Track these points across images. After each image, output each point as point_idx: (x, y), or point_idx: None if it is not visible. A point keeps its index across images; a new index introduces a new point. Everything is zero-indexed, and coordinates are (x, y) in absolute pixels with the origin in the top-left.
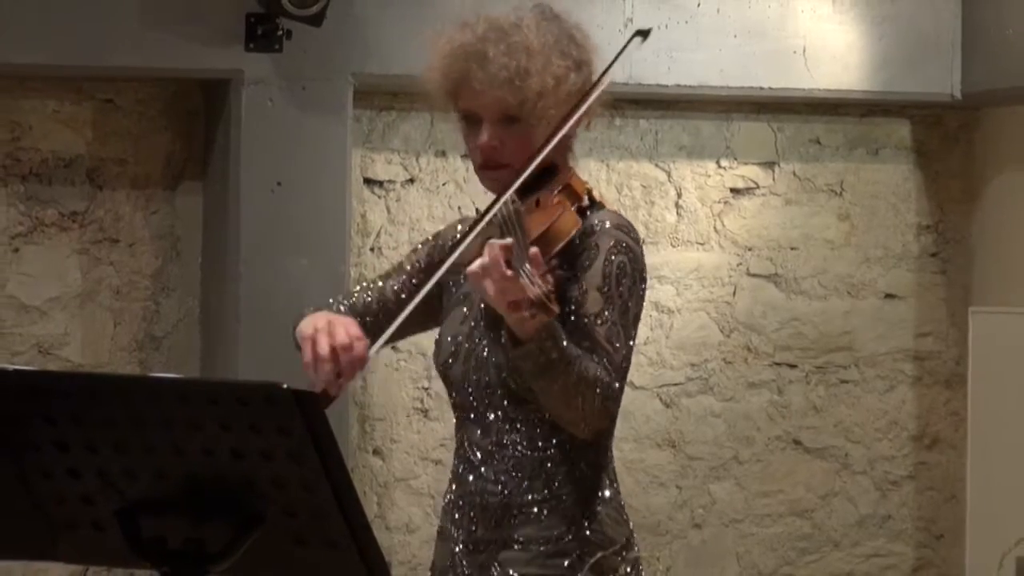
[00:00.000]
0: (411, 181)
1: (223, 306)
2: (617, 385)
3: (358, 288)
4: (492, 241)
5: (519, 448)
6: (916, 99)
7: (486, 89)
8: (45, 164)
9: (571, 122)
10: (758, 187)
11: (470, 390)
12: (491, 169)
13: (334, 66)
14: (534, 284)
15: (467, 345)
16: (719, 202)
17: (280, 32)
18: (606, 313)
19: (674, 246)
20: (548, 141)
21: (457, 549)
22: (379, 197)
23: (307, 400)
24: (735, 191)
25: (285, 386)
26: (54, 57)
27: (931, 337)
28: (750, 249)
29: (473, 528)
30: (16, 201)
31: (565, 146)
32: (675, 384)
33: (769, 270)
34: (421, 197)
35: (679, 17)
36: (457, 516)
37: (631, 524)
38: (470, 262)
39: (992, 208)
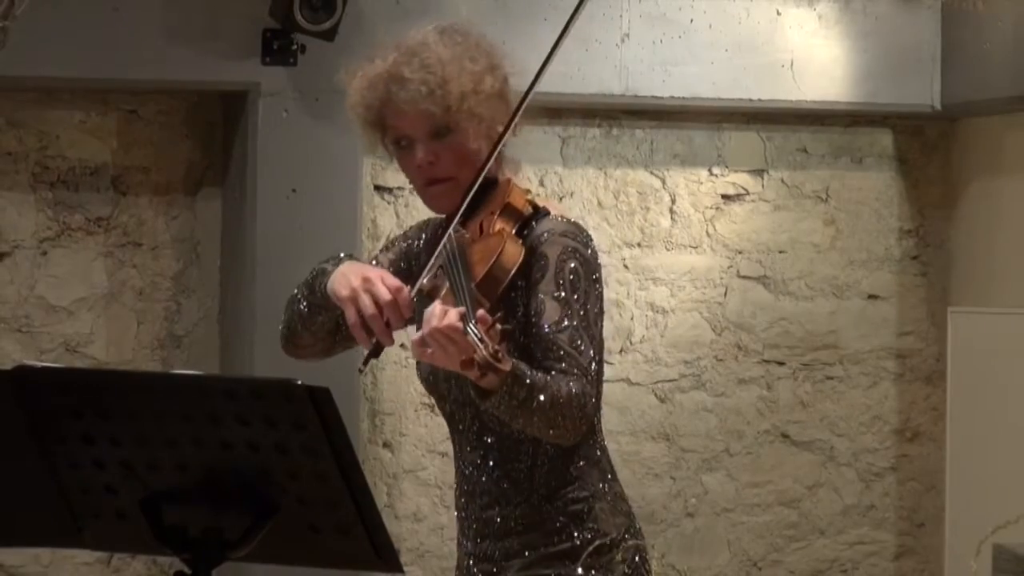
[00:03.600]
0: None
1: (240, 306)
2: (590, 390)
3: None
4: (435, 308)
5: (505, 463)
6: (898, 110)
7: (411, 108)
8: (72, 172)
9: (510, 128)
10: (748, 193)
11: (455, 404)
12: (433, 184)
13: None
14: (482, 343)
15: None
16: (711, 208)
17: (295, 47)
18: (565, 320)
19: (668, 249)
20: (490, 155)
21: (470, 562)
22: (388, 203)
23: (320, 395)
24: (726, 197)
25: (299, 382)
26: (81, 71)
27: (912, 336)
28: (740, 252)
29: (479, 540)
30: (45, 207)
31: (499, 156)
32: (669, 380)
33: (758, 272)
34: None
35: (673, 32)
36: (465, 530)
37: (631, 513)
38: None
39: (970, 213)
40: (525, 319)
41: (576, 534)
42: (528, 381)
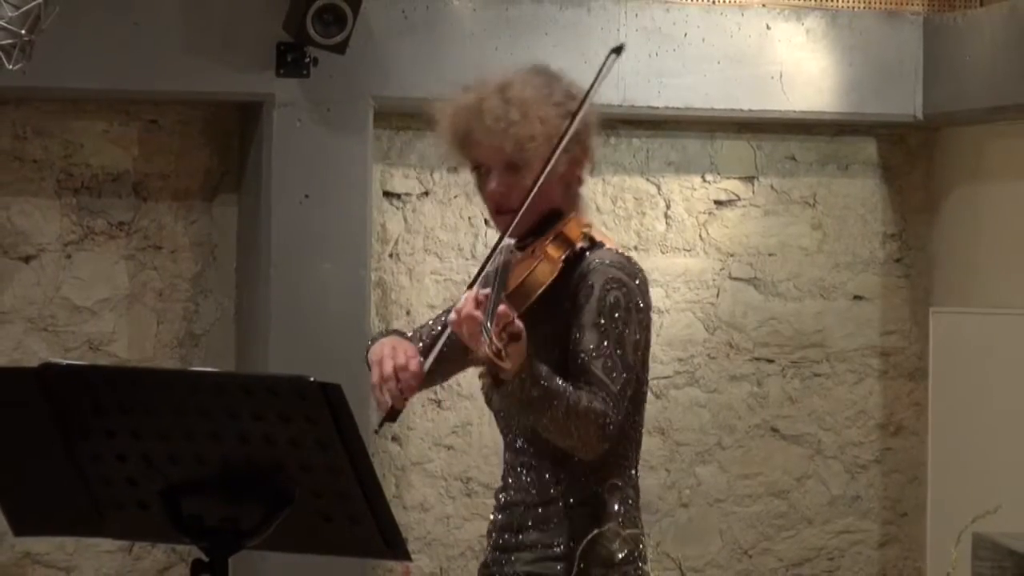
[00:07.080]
0: (426, 194)
1: (256, 307)
2: (614, 413)
3: (423, 326)
4: (468, 292)
5: (535, 469)
6: (882, 119)
7: (485, 140)
8: (95, 179)
9: (556, 153)
10: (739, 199)
11: (503, 416)
12: (501, 214)
13: (356, 90)
14: (490, 341)
15: None
16: (704, 213)
17: (308, 59)
18: (604, 346)
19: (663, 252)
20: (537, 178)
21: (491, 552)
22: (397, 208)
23: (332, 392)
24: (718, 203)
25: (312, 379)
26: (104, 82)
27: (895, 335)
28: (732, 255)
29: (502, 532)
30: (69, 212)
31: (566, 190)
32: (664, 377)
33: (749, 274)
34: (435, 208)
35: (668, 46)
36: (495, 522)
37: (639, 540)
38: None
39: (950, 218)
40: (566, 334)
41: (576, 547)
42: (545, 384)
